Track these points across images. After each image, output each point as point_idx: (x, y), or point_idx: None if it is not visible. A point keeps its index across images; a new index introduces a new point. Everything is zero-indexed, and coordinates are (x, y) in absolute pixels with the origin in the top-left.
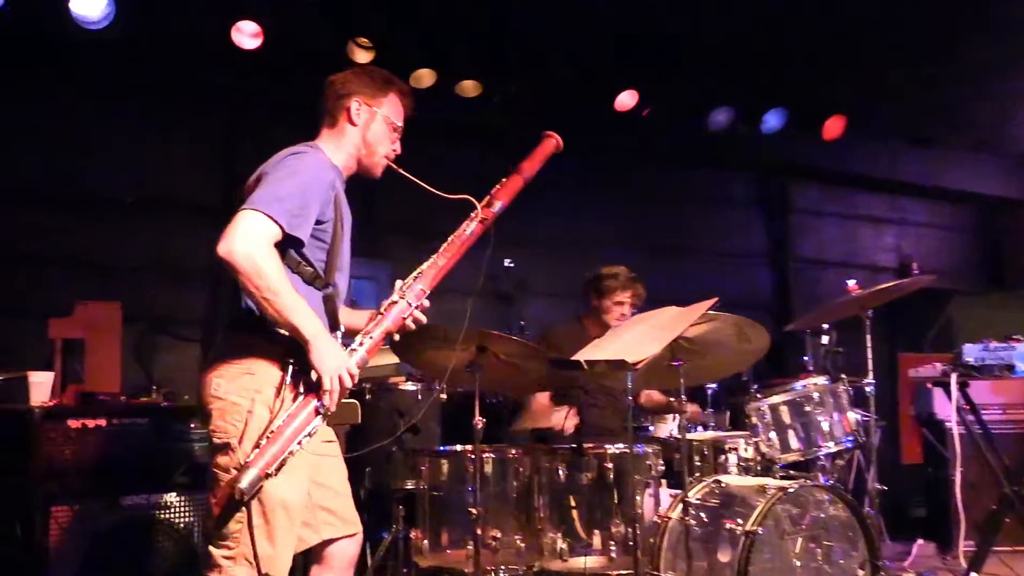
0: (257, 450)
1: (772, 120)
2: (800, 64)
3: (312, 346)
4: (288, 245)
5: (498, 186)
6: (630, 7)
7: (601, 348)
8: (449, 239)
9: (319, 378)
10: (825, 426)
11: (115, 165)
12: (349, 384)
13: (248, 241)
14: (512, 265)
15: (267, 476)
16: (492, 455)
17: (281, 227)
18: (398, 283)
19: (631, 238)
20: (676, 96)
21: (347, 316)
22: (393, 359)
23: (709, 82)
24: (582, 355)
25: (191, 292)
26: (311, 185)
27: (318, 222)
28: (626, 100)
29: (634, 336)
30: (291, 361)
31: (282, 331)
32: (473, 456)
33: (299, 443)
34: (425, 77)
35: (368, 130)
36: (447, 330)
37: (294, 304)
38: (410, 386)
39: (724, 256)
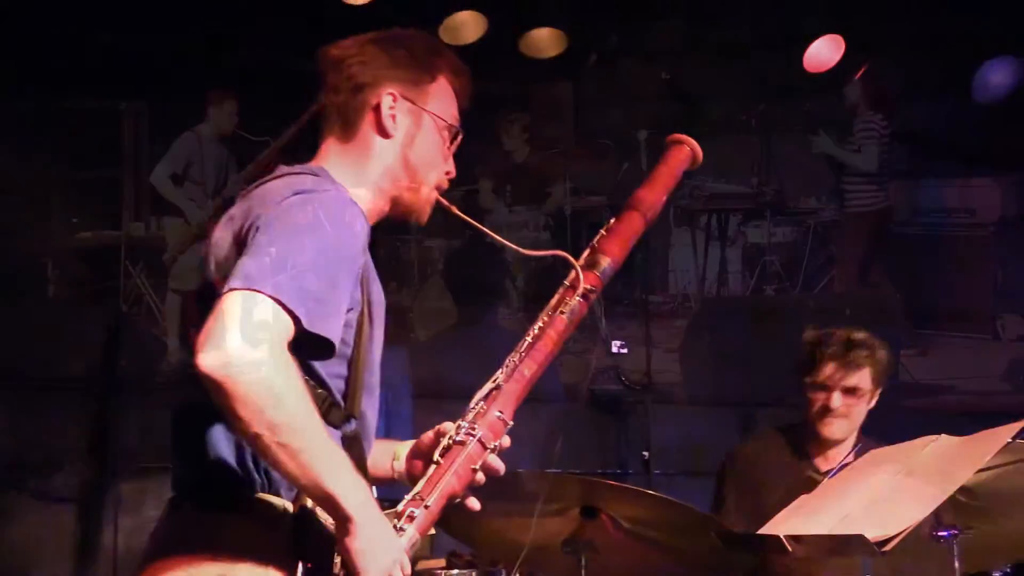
0: None
1: None
2: None
3: (355, 529)
4: (296, 351)
5: (602, 232)
6: None
7: (811, 512)
8: (536, 328)
9: None
10: None
11: None
12: None
13: (256, 350)
14: (625, 350)
15: None
16: None
17: (298, 320)
18: (453, 424)
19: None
20: (912, 42)
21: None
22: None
23: (971, 15)
24: (779, 526)
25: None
26: (341, 249)
27: None
28: (822, 53)
29: (871, 490)
30: (301, 556)
31: (285, 500)
32: None
33: None
34: (468, 25)
35: (412, 146)
36: (528, 477)
37: (330, 456)
38: None
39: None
